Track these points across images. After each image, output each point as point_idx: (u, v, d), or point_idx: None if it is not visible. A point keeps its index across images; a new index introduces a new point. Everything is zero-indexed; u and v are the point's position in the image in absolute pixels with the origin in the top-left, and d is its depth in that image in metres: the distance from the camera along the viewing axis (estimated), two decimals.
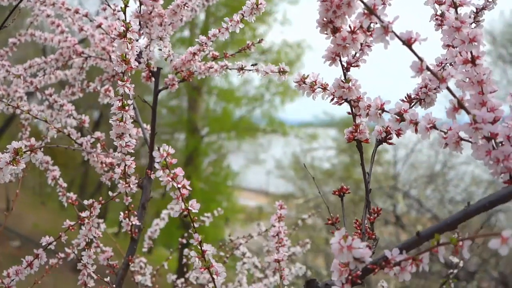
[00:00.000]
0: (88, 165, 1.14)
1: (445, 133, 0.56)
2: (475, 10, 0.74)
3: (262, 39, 1.02)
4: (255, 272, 1.46)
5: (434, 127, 0.57)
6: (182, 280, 1.38)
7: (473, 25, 0.74)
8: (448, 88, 0.52)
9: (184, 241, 1.50)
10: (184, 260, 1.40)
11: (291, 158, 10.18)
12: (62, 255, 1.13)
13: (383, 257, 0.54)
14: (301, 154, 10.23)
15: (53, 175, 1.12)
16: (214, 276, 0.66)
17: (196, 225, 0.69)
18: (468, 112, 0.52)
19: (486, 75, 0.55)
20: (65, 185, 1.12)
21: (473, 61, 0.55)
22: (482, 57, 0.55)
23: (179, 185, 0.63)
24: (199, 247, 0.66)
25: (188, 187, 0.64)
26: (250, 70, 0.95)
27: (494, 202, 0.50)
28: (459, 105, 0.52)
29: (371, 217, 0.65)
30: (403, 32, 0.51)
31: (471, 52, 0.55)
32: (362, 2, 0.52)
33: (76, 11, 1.12)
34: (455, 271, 1.13)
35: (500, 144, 0.54)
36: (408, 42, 0.51)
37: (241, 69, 0.96)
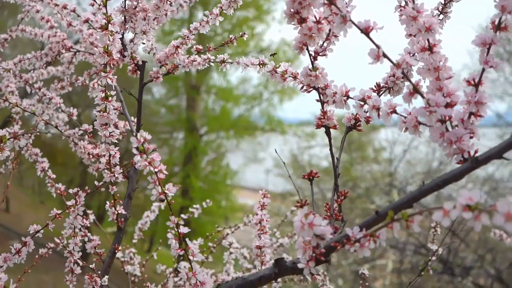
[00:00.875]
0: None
1: (405, 117, 0.59)
2: (443, 2, 0.77)
3: (244, 33, 1.05)
4: (244, 263, 1.49)
5: (394, 111, 0.60)
6: (171, 269, 1.41)
7: (441, 16, 0.77)
8: (403, 73, 0.55)
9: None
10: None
11: (289, 157, 10.21)
12: (52, 245, 1.15)
13: (345, 235, 0.57)
14: (298, 152, 10.27)
15: (42, 167, 1.15)
16: (190, 257, 0.69)
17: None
18: (422, 96, 0.55)
19: (442, 62, 0.58)
20: (53, 176, 1.15)
21: (430, 48, 0.58)
22: (439, 45, 0.58)
23: (156, 170, 0.66)
24: (176, 230, 0.69)
25: (165, 172, 0.67)
26: (231, 62, 0.98)
27: (446, 180, 0.53)
28: (414, 90, 0.55)
29: (339, 200, 0.68)
30: (361, 21, 0.54)
31: (428, 40, 0.58)
32: None
33: (64, 7, 1.15)
34: (433, 258, 1.15)
35: (456, 127, 0.57)
36: (366, 31, 0.54)
37: (222, 62, 0.99)
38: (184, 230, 0.69)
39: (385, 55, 0.55)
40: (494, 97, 8.72)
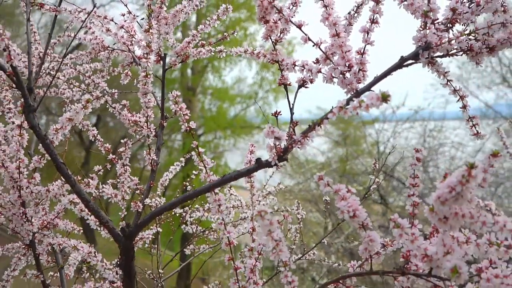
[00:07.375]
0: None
1: (325, 74, 1.05)
2: (357, 5, 1.23)
3: (234, 31, 1.51)
4: (241, 209, 1.95)
5: (320, 71, 1.06)
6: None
7: (355, 14, 1.22)
8: (320, 49, 1.01)
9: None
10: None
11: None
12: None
13: (294, 140, 1.02)
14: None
15: (93, 134, 1.60)
16: (206, 166, 1.14)
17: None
18: (331, 61, 1.01)
19: (344, 42, 1.03)
20: (102, 140, 1.60)
21: (337, 34, 1.04)
22: (342, 33, 1.04)
23: (184, 113, 1.11)
24: (197, 150, 1.15)
25: (188, 114, 1.12)
26: (225, 51, 1.43)
27: (348, 102, 0.99)
28: (326, 57, 1.01)
29: (293, 125, 1.13)
30: (296, 20, 1.00)
31: (335, 30, 1.03)
32: (275, 7, 1.01)
33: (105, 17, 1.60)
34: (374, 186, 1.59)
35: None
36: (299, 26, 1.00)
37: (220, 51, 1.44)
38: (202, 150, 1.14)
39: (309, 39, 1.00)
40: (482, 87, 9.16)
